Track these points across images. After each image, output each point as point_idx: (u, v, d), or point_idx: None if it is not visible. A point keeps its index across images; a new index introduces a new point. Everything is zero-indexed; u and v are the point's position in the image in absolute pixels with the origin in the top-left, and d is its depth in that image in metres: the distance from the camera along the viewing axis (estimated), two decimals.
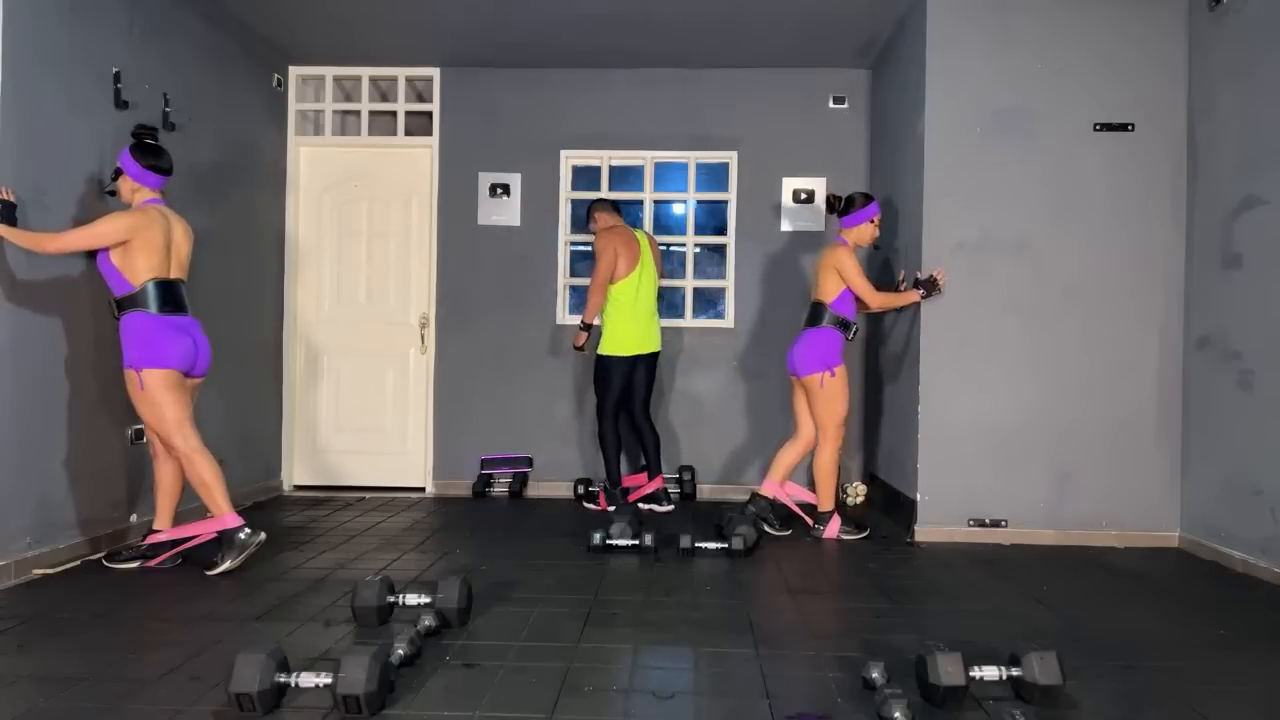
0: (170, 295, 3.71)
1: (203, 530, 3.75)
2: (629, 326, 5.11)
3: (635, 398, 5.24)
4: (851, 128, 5.83)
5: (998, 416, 4.52)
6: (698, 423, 5.85)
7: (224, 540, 3.67)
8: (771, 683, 2.52)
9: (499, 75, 5.89)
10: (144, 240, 3.61)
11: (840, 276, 4.49)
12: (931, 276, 4.49)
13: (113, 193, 3.80)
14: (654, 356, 5.28)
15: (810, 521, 4.65)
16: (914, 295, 4.51)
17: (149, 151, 3.75)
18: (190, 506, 4.17)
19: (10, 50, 3.48)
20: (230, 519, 3.67)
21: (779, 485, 4.67)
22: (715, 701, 2.39)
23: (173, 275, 3.75)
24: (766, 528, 4.59)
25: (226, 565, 3.63)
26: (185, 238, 3.83)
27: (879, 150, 5.61)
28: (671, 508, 5.22)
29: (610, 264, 5.04)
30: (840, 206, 4.63)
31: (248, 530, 3.68)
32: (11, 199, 3.44)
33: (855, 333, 4.62)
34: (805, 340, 4.55)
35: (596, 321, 5.22)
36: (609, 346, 5.13)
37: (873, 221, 4.60)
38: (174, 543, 3.81)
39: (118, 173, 3.75)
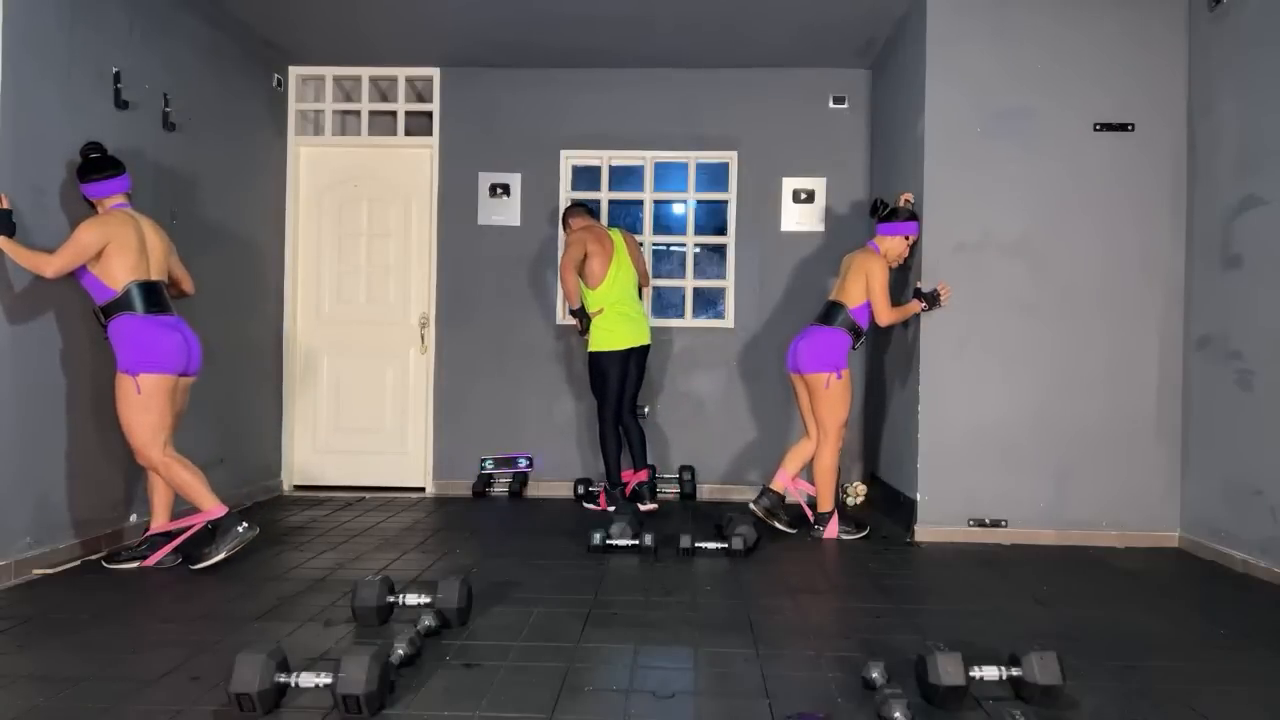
0: (154, 295, 3.72)
1: (194, 521, 3.76)
2: (618, 322, 5.12)
3: (626, 394, 5.25)
4: (851, 128, 5.83)
5: (998, 416, 4.52)
6: (698, 423, 5.84)
7: (217, 530, 3.69)
8: (771, 683, 2.52)
9: (499, 75, 5.89)
10: (119, 243, 3.60)
11: (866, 285, 4.48)
12: (935, 291, 4.49)
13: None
14: (645, 350, 5.29)
15: (812, 518, 4.65)
16: (915, 306, 4.51)
17: (98, 165, 3.70)
18: (188, 507, 4.16)
19: (10, 51, 3.48)
20: (218, 510, 3.71)
21: (791, 480, 4.65)
22: (715, 701, 2.39)
23: (153, 276, 3.75)
24: (776, 524, 4.58)
25: (220, 556, 3.65)
26: (159, 238, 3.82)
27: (879, 150, 5.61)
28: (655, 506, 5.20)
29: (578, 253, 5.05)
30: (883, 212, 4.59)
31: (245, 524, 3.72)
32: (5, 205, 3.42)
33: (862, 344, 4.60)
34: (813, 337, 4.55)
35: (592, 311, 5.17)
36: (602, 343, 5.13)
37: (906, 239, 4.56)
38: (168, 536, 3.81)
39: (89, 203, 3.76)
